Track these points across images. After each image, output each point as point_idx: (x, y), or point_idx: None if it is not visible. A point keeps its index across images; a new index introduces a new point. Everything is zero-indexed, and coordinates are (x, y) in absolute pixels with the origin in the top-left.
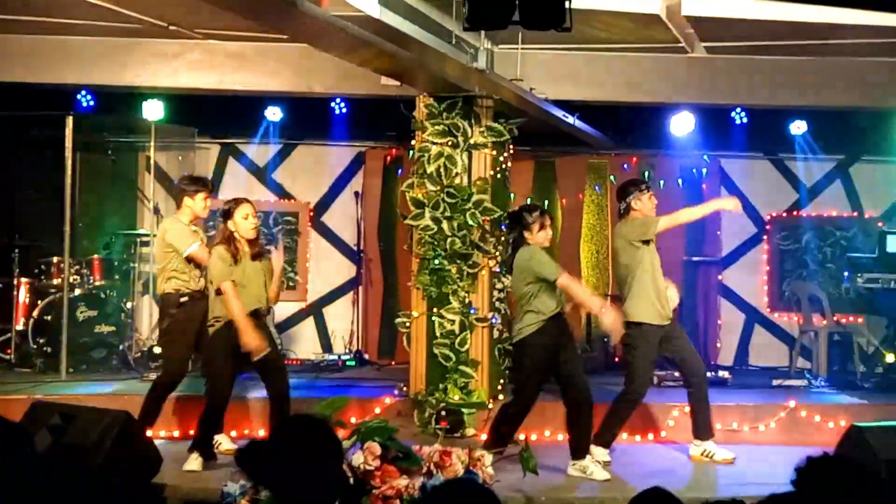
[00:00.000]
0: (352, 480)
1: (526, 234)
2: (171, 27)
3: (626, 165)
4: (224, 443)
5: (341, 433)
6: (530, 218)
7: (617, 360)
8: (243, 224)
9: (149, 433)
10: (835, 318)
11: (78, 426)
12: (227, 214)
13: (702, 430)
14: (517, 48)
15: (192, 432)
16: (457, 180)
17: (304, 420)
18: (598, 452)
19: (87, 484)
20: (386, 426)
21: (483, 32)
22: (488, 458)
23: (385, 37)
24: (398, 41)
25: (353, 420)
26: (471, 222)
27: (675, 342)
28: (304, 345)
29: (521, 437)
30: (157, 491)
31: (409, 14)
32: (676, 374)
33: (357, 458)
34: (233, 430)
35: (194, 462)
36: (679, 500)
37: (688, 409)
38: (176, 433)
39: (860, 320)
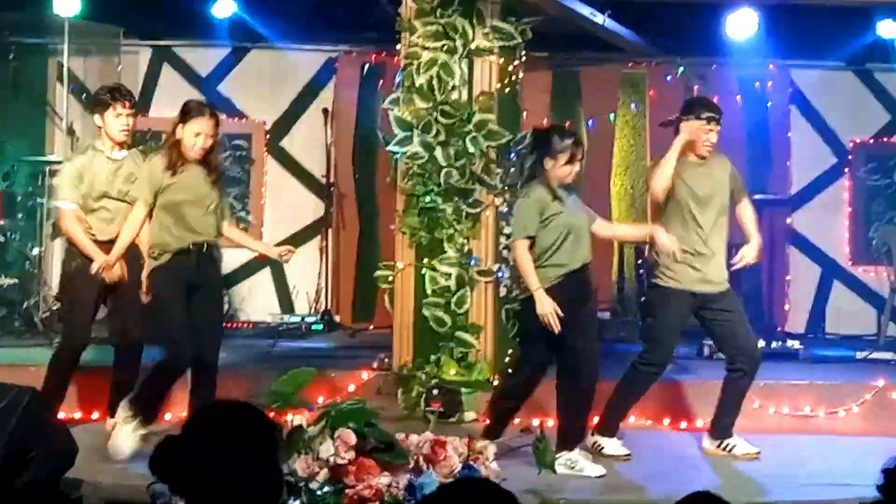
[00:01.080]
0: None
1: (546, 163)
2: None
3: (669, 77)
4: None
5: (306, 417)
6: (560, 145)
7: None
8: (189, 140)
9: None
10: None
11: None
12: (182, 117)
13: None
14: None
15: (95, 416)
16: (454, 95)
17: (226, 407)
18: (608, 445)
19: None
20: (363, 409)
21: None
22: (492, 449)
23: None
24: None
25: (319, 400)
26: (471, 149)
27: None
28: (259, 303)
29: (536, 422)
30: (73, 487)
31: None
32: None
33: (326, 450)
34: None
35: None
36: None
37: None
38: (77, 415)
39: None
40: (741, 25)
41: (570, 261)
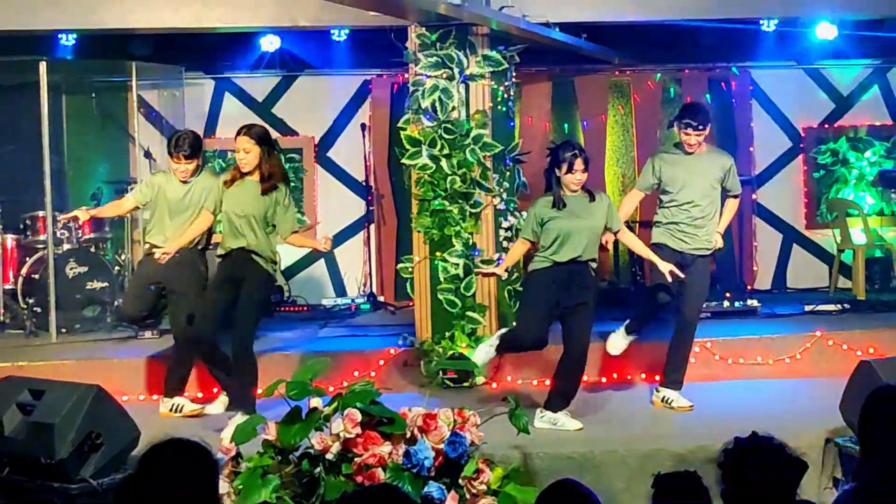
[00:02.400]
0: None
1: (556, 171)
2: None
3: (650, 83)
4: (187, 406)
5: (318, 402)
6: (561, 156)
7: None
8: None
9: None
10: (874, 234)
11: (47, 402)
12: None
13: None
14: None
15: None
16: (454, 115)
17: (171, 447)
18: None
19: None
20: (368, 390)
21: None
22: (474, 418)
23: None
24: None
25: (355, 374)
26: (470, 159)
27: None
28: (316, 289)
29: (507, 397)
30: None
31: None
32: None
33: (336, 426)
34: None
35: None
36: (591, 492)
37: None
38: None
39: None
40: (707, 37)
41: (558, 256)
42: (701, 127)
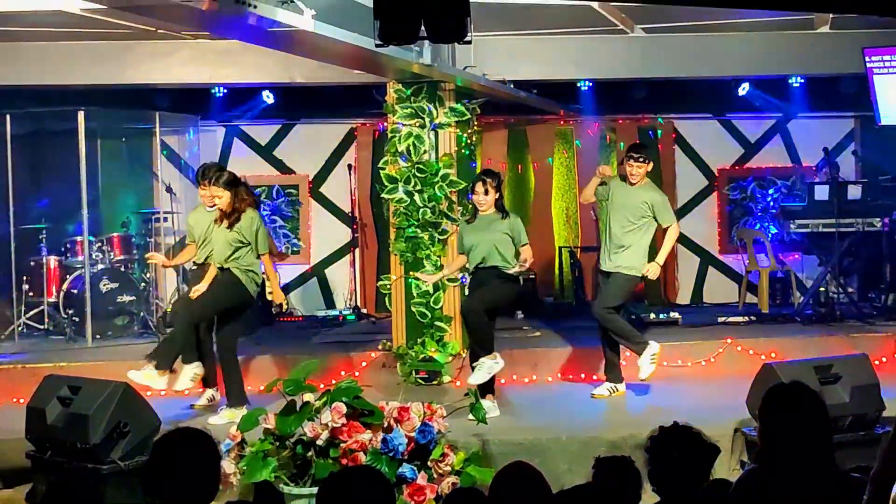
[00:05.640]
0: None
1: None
2: (160, 31)
3: (589, 131)
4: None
5: (310, 396)
6: (472, 184)
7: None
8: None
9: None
10: (776, 259)
11: (83, 396)
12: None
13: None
14: (479, 35)
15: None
16: (425, 157)
17: (178, 435)
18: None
19: None
20: (352, 387)
21: None
22: (441, 411)
23: (321, 47)
24: (332, 50)
25: (342, 374)
26: (439, 194)
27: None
28: (310, 303)
29: (468, 393)
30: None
31: (344, 23)
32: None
33: (325, 417)
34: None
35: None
36: (539, 472)
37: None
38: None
39: (796, 256)
40: (638, 92)
41: (470, 262)
42: (642, 160)
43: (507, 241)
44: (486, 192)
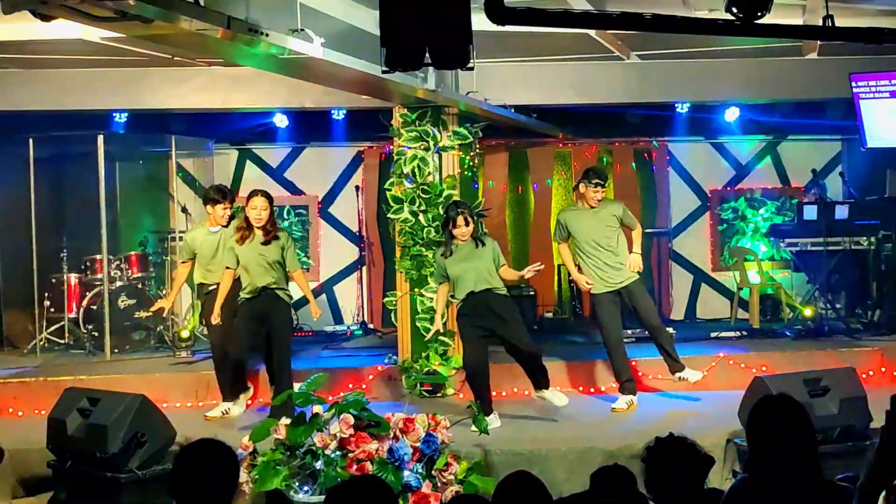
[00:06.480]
0: (315, 448)
1: (449, 227)
2: (176, 59)
3: (587, 153)
4: (233, 409)
5: (319, 408)
6: (449, 215)
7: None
8: (250, 213)
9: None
10: (766, 276)
11: (101, 408)
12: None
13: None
14: (481, 62)
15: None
16: (429, 178)
17: (203, 445)
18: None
19: None
20: (359, 400)
21: None
22: (445, 422)
23: (330, 73)
24: (340, 76)
25: (350, 386)
26: (443, 214)
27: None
28: (319, 318)
29: (470, 405)
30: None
31: (352, 51)
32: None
33: (334, 428)
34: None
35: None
36: (539, 481)
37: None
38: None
39: (786, 274)
40: (634, 117)
41: (457, 294)
42: (602, 185)
43: (493, 264)
44: (467, 223)
